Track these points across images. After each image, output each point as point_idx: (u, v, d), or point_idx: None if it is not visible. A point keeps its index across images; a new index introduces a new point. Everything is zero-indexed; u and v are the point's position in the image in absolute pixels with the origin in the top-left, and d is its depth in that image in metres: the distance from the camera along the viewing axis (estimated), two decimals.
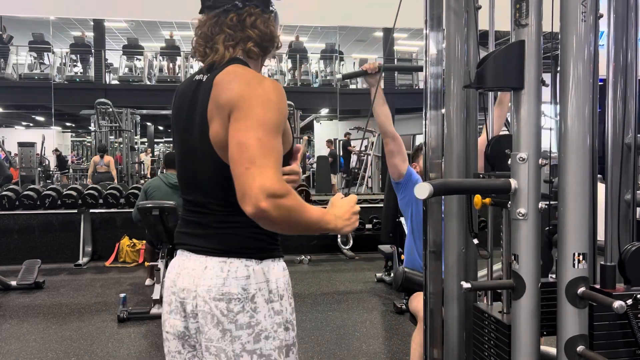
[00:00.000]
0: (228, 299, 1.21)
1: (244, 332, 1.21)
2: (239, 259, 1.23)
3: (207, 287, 1.22)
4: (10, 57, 11.54)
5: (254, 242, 1.25)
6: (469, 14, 1.65)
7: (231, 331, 1.21)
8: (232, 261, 1.23)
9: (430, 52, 1.77)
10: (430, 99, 1.78)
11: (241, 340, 1.21)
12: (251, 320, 1.22)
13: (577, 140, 1.25)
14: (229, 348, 1.21)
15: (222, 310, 1.21)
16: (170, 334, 1.32)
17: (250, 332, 1.21)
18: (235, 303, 1.21)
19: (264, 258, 1.26)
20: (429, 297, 1.79)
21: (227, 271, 1.22)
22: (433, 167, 1.79)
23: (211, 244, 1.26)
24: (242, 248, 1.24)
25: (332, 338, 3.61)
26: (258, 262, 1.24)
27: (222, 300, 1.21)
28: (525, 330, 1.30)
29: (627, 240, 1.53)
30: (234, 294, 1.21)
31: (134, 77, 12.24)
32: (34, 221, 6.16)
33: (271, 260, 1.27)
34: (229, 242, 1.24)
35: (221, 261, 1.23)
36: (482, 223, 3.85)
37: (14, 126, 16.91)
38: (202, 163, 1.26)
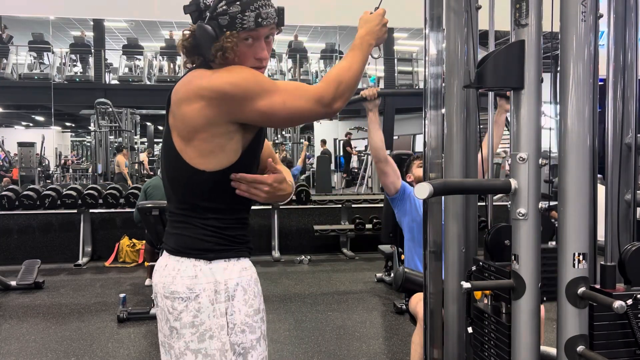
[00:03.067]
0: (174, 297, 1.25)
1: (187, 330, 1.24)
2: (188, 259, 1.27)
3: (162, 284, 1.28)
4: (10, 57, 11.53)
5: (202, 243, 1.27)
6: (469, 14, 1.65)
7: (177, 329, 1.25)
8: (183, 260, 1.27)
9: (430, 52, 1.77)
10: (430, 99, 1.78)
11: (185, 339, 1.24)
12: (195, 319, 1.24)
13: (577, 140, 1.25)
14: (175, 345, 1.25)
15: (169, 308, 1.26)
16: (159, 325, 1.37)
17: (193, 331, 1.24)
18: (179, 302, 1.24)
19: (213, 259, 1.27)
20: (429, 297, 1.79)
21: (177, 270, 1.26)
22: (433, 167, 1.79)
23: (171, 242, 1.31)
24: (192, 249, 1.27)
25: (332, 338, 3.61)
26: (207, 262, 1.26)
27: (169, 298, 1.26)
28: (525, 330, 1.30)
29: (627, 240, 1.53)
30: (179, 293, 1.24)
31: (134, 77, 12.23)
32: (34, 221, 6.15)
33: (223, 261, 1.28)
34: (181, 242, 1.29)
35: (176, 260, 1.28)
36: (482, 223, 3.85)
37: (13, 126, 16.90)
38: (165, 161, 1.32)
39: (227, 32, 1.22)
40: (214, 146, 1.23)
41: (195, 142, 1.23)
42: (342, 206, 6.63)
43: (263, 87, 1.22)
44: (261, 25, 1.24)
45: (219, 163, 1.25)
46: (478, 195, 1.81)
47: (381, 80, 13.74)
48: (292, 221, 6.64)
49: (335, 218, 6.71)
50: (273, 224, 6.39)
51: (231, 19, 1.22)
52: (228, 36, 1.22)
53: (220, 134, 1.23)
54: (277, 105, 1.22)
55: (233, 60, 1.25)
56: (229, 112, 1.21)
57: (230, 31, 1.22)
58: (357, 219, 6.36)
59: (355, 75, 1.28)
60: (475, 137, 1.72)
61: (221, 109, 1.21)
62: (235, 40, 1.23)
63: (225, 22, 1.22)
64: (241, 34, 1.24)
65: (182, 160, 1.25)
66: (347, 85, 1.26)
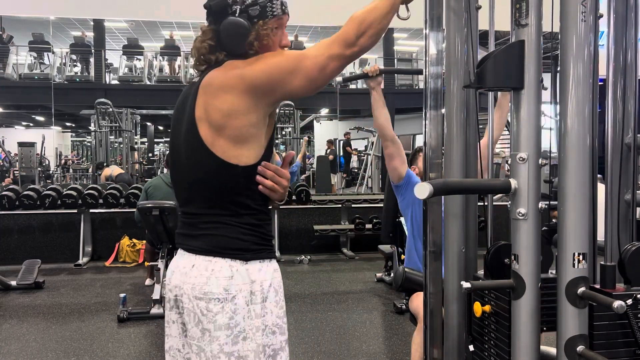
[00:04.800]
0: (208, 298, 1.22)
1: (222, 332, 1.21)
2: (223, 259, 1.24)
3: (191, 285, 1.24)
4: (10, 57, 11.53)
5: (239, 242, 1.25)
6: (469, 14, 1.65)
7: (210, 331, 1.22)
8: (217, 261, 1.24)
9: (430, 52, 1.77)
10: (430, 99, 1.78)
11: (219, 341, 1.21)
12: (230, 321, 1.21)
13: (577, 140, 1.25)
14: (207, 348, 1.22)
15: (202, 310, 1.22)
16: (172, 330, 1.33)
17: (228, 333, 1.21)
18: (215, 303, 1.21)
19: (249, 259, 1.25)
20: (429, 297, 1.79)
21: (211, 270, 1.23)
22: (433, 167, 1.79)
23: (199, 243, 1.27)
24: (227, 248, 1.25)
25: (332, 338, 3.61)
26: (243, 262, 1.24)
27: (203, 300, 1.22)
28: (525, 330, 1.30)
29: (627, 240, 1.53)
30: (215, 294, 1.21)
31: (134, 77, 12.23)
32: (34, 221, 6.15)
33: (259, 262, 1.27)
34: (215, 242, 1.25)
35: (207, 260, 1.25)
36: (482, 223, 3.85)
37: (14, 126, 16.90)
38: (186, 160, 1.29)
39: (259, 21, 1.27)
40: (248, 136, 1.24)
41: (230, 130, 1.22)
42: (342, 206, 6.63)
43: (295, 58, 1.25)
44: (285, 12, 1.32)
45: (251, 156, 1.25)
46: (478, 195, 1.81)
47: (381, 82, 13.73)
48: (292, 221, 6.64)
49: (335, 218, 6.71)
50: (273, 223, 6.39)
51: (262, 8, 1.27)
52: (262, 25, 1.27)
53: (254, 122, 1.24)
54: (311, 68, 1.23)
55: (268, 48, 1.29)
56: (270, 91, 1.23)
57: (263, 20, 1.27)
58: (357, 219, 6.36)
59: (381, 15, 1.26)
60: (475, 137, 1.72)
61: (261, 90, 1.22)
62: (270, 27, 1.28)
63: (256, 12, 1.27)
64: (272, 21, 1.29)
65: (212, 155, 1.23)
66: (371, 23, 1.25)
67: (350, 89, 12.65)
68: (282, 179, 1.30)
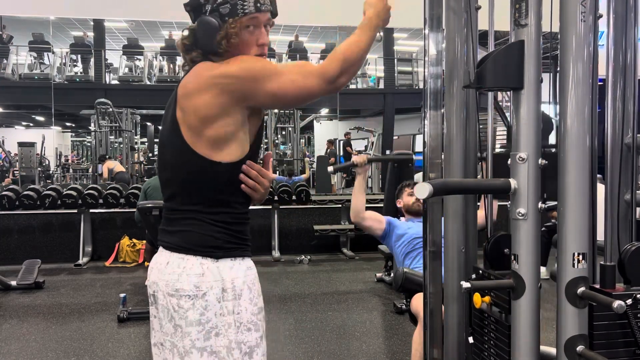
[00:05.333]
0: (180, 295, 1.24)
1: (193, 328, 1.23)
2: (195, 257, 1.26)
3: (165, 282, 1.27)
4: (10, 57, 11.53)
5: (211, 240, 1.27)
6: (468, 14, 1.65)
7: (182, 327, 1.24)
8: (189, 258, 1.27)
9: (430, 52, 1.77)
10: (430, 99, 1.78)
11: (191, 337, 1.24)
12: (201, 317, 1.24)
13: (577, 140, 1.25)
14: (180, 344, 1.24)
15: (174, 306, 1.25)
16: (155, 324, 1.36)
17: (200, 329, 1.24)
18: (186, 300, 1.24)
19: (220, 257, 1.28)
20: (429, 297, 1.79)
21: (182, 267, 1.26)
22: (433, 167, 1.79)
23: (174, 240, 1.30)
24: (199, 246, 1.27)
25: (332, 338, 3.61)
26: (214, 260, 1.27)
27: (174, 296, 1.25)
28: (525, 330, 1.30)
29: (627, 240, 1.53)
30: (185, 290, 1.24)
31: (134, 77, 12.23)
32: (34, 221, 6.15)
33: (230, 260, 1.29)
34: (188, 239, 1.28)
35: (180, 257, 1.27)
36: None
37: (14, 126, 16.91)
38: (170, 158, 1.32)
39: (229, 19, 1.27)
40: (228, 135, 1.26)
41: (209, 132, 1.24)
42: (342, 206, 6.63)
43: (271, 69, 1.26)
44: (260, 10, 1.30)
45: (234, 153, 1.27)
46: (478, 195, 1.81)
47: (381, 80, 13.75)
48: (292, 221, 6.64)
49: (335, 218, 6.71)
50: (273, 223, 6.39)
51: (232, 6, 1.27)
52: (231, 23, 1.27)
53: (232, 123, 1.25)
54: (286, 85, 1.25)
55: (237, 47, 1.29)
56: (242, 97, 1.25)
57: (233, 18, 1.27)
58: None
59: (361, 53, 1.29)
60: (475, 137, 1.72)
61: (234, 95, 1.24)
62: (238, 26, 1.28)
63: (226, 10, 1.27)
64: (243, 20, 1.28)
65: (195, 154, 1.25)
66: (352, 62, 1.27)
67: (351, 89, 12.65)
68: (264, 180, 1.33)
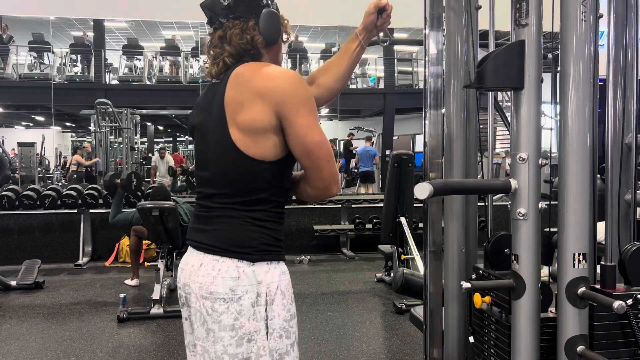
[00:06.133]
0: (214, 298, 1.21)
1: (226, 333, 1.20)
2: (230, 259, 1.22)
3: (198, 284, 1.24)
4: (10, 57, 11.53)
5: (247, 241, 1.24)
6: (469, 14, 1.65)
7: (214, 331, 1.21)
8: (224, 260, 1.23)
9: (430, 52, 1.77)
10: (430, 99, 1.78)
11: (223, 342, 1.20)
12: (235, 322, 1.20)
13: (577, 140, 1.25)
14: (211, 349, 1.21)
15: (207, 310, 1.21)
16: (186, 327, 1.35)
17: (233, 334, 1.20)
18: (221, 303, 1.20)
19: (256, 260, 1.23)
20: (429, 297, 1.79)
21: (217, 270, 1.22)
22: (433, 167, 1.79)
23: (209, 240, 1.26)
24: (235, 246, 1.23)
25: (332, 338, 3.61)
26: (250, 264, 1.23)
27: (208, 299, 1.21)
28: (525, 330, 1.30)
29: (627, 240, 1.53)
30: (220, 294, 1.20)
31: (134, 77, 12.22)
32: (34, 221, 6.15)
33: (266, 263, 1.25)
34: (224, 239, 1.24)
35: (214, 259, 1.24)
36: (482, 223, 3.85)
37: (14, 126, 16.90)
38: (217, 156, 1.27)
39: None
40: (273, 141, 1.23)
41: (256, 137, 1.21)
42: (342, 206, 6.63)
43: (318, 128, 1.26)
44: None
45: (276, 154, 1.24)
46: (478, 195, 1.81)
47: (381, 80, 13.74)
48: (292, 221, 6.64)
49: (335, 218, 6.71)
50: None
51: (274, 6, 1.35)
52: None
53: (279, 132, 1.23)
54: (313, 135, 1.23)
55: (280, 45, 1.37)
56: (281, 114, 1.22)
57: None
58: (357, 219, 6.36)
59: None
60: (475, 137, 1.72)
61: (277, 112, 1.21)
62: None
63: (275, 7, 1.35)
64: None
65: (239, 151, 1.22)
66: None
67: (351, 89, 12.65)
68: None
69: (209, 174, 1.29)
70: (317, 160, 1.24)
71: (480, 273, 1.53)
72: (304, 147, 1.22)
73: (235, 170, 1.23)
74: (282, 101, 1.19)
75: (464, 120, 1.69)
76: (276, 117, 1.20)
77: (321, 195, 1.30)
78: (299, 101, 1.20)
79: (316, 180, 1.26)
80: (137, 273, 5.07)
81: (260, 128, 1.20)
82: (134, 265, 5.06)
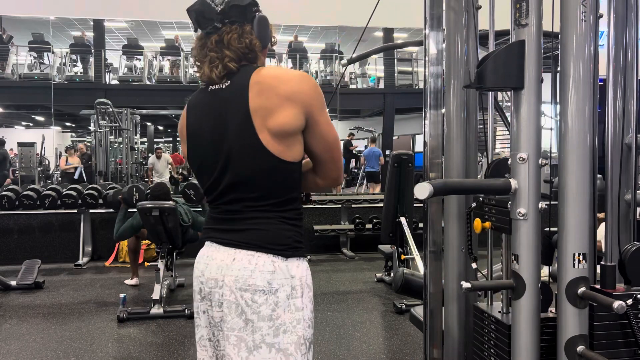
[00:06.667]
0: (254, 290, 1.26)
1: (265, 324, 1.25)
2: (266, 254, 1.28)
3: (234, 278, 1.27)
4: (10, 57, 11.53)
5: (282, 239, 1.30)
6: (469, 14, 1.65)
7: (253, 322, 1.26)
8: (260, 255, 1.28)
9: (430, 52, 1.77)
10: (430, 99, 1.78)
11: (262, 332, 1.25)
12: (273, 313, 1.26)
13: (577, 140, 1.25)
14: (249, 338, 1.26)
15: (247, 301, 1.26)
16: (202, 321, 1.38)
17: (270, 324, 1.26)
18: (260, 295, 1.26)
19: (289, 256, 1.30)
20: (429, 297, 1.79)
21: (254, 264, 1.27)
22: (433, 167, 1.79)
23: (243, 238, 1.31)
24: (270, 244, 1.29)
25: (332, 338, 3.61)
26: (284, 259, 1.29)
27: (248, 291, 1.26)
28: (525, 330, 1.30)
29: (627, 240, 1.53)
30: (259, 286, 1.26)
31: (134, 77, 12.23)
32: (34, 221, 6.15)
33: (296, 259, 1.31)
34: (258, 237, 1.29)
35: (249, 254, 1.28)
36: None
37: (13, 126, 16.90)
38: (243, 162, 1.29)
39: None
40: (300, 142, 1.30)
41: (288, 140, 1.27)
42: (342, 206, 6.63)
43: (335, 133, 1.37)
44: None
45: (299, 153, 1.31)
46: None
47: (381, 80, 13.75)
48: None
49: (335, 218, 6.71)
50: None
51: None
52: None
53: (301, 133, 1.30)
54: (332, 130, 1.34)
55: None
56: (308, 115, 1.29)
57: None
58: (357, 219, 6.36)
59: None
60: (475, 137, 1.72)
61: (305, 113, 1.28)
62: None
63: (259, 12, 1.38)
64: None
65: (273, 156, 1.26)
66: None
67: (351, 89, 12.65)
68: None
69: (233, 179, 1.31)
70: (336, 153, 1.35)
71: (481, 200, 1.51)
72: (327, 143, 1.32)
73: (271, 174, 1.28)
74: (309, 102, 1.26)
75: (464, 120, 1.69)
76: (305, 118, 1.27)
77: (333, 184, 1.43)
78: (321, 101, 1.29)
79: (332, 171, 1.37)
80: (136, 272, 5.07)
81: (292, 131, 1.26)
82: (133, 264, 5.06)
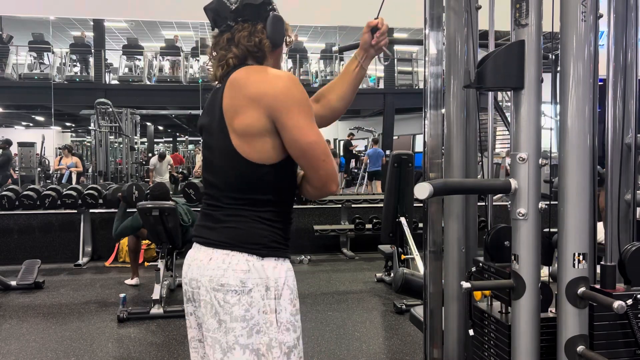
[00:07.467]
0: (226, 290, 1.24)
1: (238, 324, 1.23)
2: (240, 253, 1.26)
3: (209, 277, 1.27)
4: (10, 57, 11.53)
5: (255, 237, 1.28)
6: (469, 14, 1.65)
7: (226, 322, 1.24)
8: (234, 254, 1.26)
9: (430, 52, 1.77)
10: (430, 99, 1.78)
11: (235, 333, 1.24)
12: (246, 314, 1.24)
13: (577, 140, 1.25)
14: (223, 339, 1.24)
15: (220, 301, 1.25)
16: (191, 322, 1.37)
17: (244, 325, 1.24)
18: (232, 295, 1.24)
19: (265, 255, 1.27)
20: (429, 297, 1.79)
21: (228, 263, 1.26)
22: (433, 167, 1.79)
23: (218, 236, 1.30)
24: (243, 242, 1.27)
25: (332, 338, 3.61)
26: (259, 258, 1.27)
27: (220, 291, 1.25)
28: (525, 330, 1.30)
29: (627, 240, 1.53)
30: (232, 286, 1.24)
31: (134, 77, 12.23)
32: (34, 221, 6.15)
33: (274, 259, 1.29)
34: (233, 236, 1.28)
35: (224, 253, 1.27)
36: (482, 223, 3.85)
37: (14, 126, 16.90)
38: (220, 160, 1.31)
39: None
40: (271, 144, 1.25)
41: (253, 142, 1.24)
42: (342, 206, 6.63)
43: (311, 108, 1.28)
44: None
45: (276, 156, 1.27)
46: (478, 195, 1.81)
47: (381, 80, 13.75)
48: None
49: (335, 218, 6.71)
50: None
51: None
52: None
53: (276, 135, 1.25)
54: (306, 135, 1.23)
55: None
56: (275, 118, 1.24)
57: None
58: (357, 219, 6.36)
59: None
60: (475, 137, 1.72)
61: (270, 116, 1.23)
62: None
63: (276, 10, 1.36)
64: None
65: (240, 156, 1.25)
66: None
67: None
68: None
69: (215, 176, 1.33)
70: (313, 160, 1.26)
71: (480, 265, 1.53)
72: (298, 148, 1.24)
73: (238, 175, 1.27)
74: (274, 104, 1.21)
75: (464, 120, 1.69)
76: (270, 121, 1.22)
77: (321, 193, 1.33)
78: (290, 102, 1.22)
79: (314, 179, 1.29)
80: (136, 272, 5.07)
81: (255, 132, 1.23)
82: (133, 264, 5.06)
